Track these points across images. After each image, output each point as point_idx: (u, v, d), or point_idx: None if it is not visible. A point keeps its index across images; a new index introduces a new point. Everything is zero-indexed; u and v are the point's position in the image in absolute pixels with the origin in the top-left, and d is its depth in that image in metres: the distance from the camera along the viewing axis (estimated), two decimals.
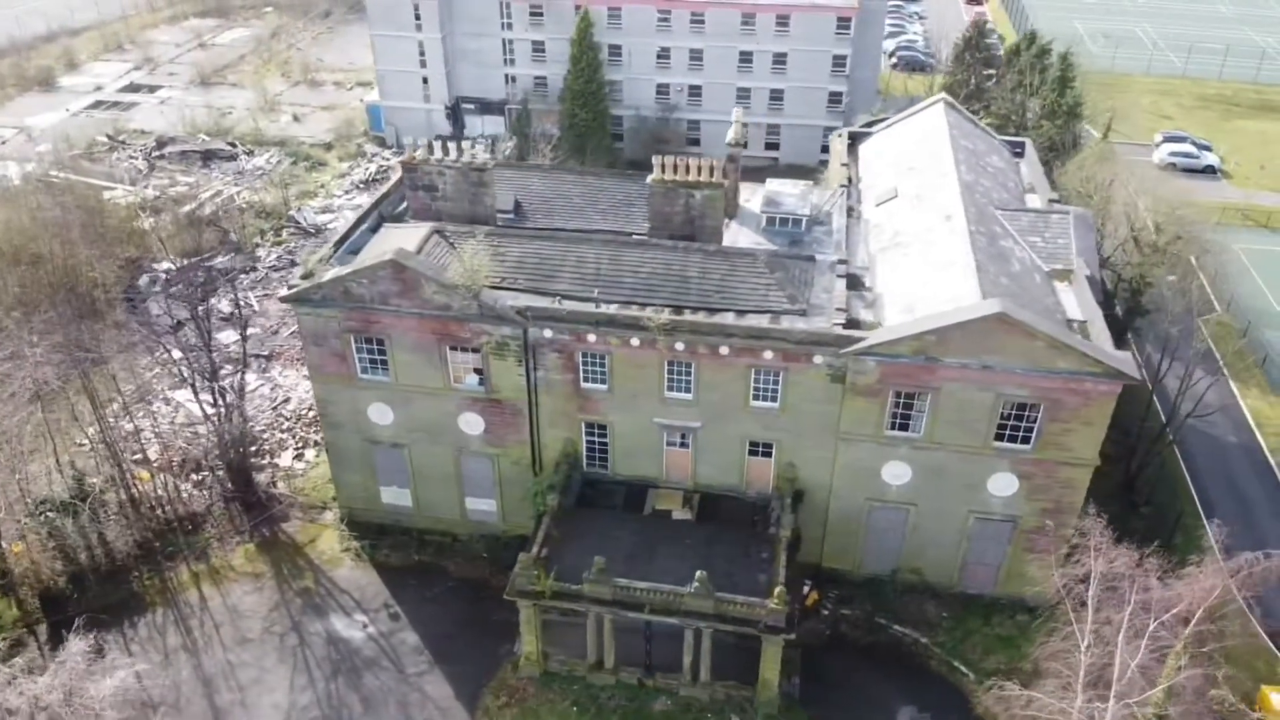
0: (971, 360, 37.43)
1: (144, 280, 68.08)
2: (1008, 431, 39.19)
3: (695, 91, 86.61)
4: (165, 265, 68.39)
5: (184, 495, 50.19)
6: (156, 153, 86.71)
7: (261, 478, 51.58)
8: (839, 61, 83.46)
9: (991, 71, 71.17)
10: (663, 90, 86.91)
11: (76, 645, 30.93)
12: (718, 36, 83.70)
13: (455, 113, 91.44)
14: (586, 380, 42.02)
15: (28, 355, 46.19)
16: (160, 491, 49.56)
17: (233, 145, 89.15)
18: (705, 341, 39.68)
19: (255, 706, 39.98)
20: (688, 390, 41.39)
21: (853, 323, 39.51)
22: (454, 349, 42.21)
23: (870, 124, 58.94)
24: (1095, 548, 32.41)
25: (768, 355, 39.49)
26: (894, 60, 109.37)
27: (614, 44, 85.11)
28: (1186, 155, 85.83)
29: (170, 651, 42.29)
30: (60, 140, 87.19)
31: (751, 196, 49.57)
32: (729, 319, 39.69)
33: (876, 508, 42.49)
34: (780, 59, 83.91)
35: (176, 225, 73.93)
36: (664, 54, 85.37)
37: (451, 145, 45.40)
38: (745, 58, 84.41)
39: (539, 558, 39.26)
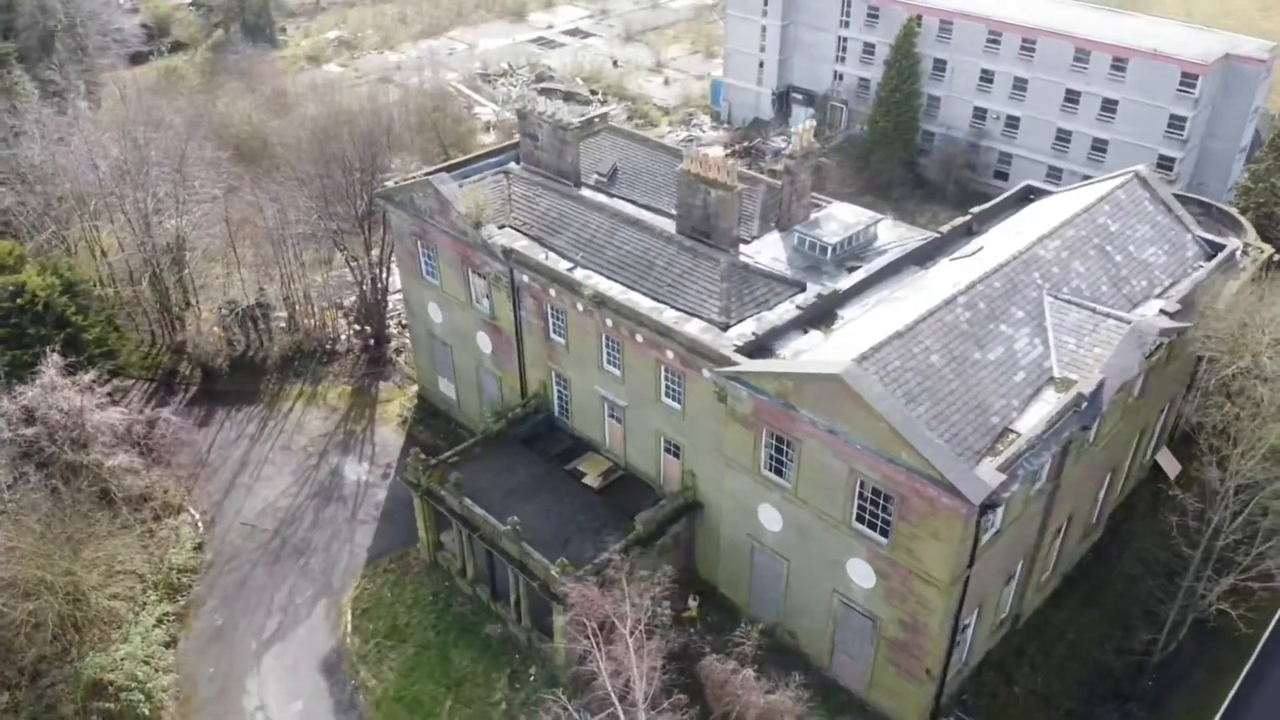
0: (821, 420, 34.54)
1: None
2: (867, 516, 35.41)
3: (1012, 123, 79.51)
4: None
5: (340, 336, 63.28)
6: (531, 85, 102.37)
7: (393, 345, 62.85)
8: (1176, 123, 70.89)
9: None
10: (979, 114, 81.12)
11: (87, 378, 43.93)
12: (1046, 68, 75.77)
13: (783, 100, 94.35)
14: (553, 332, 45.72)
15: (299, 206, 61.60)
16: (323, 328, 63.18)
17: (593, 93, 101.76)
18: (624, 324, 41.19)
19: (254, 492, 51.35)
20: (618, 367, 43.18)
21: (761, 349, 38.24)
22: (472, 272, 48.42)
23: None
24: None
25: (669, 354, 39.92)
26: None
27: (939, 58, 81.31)
28: None
29: (243, 435, 55.42)
30: (479, 61, 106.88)
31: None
32: (657, 310, 40.68)
33: (756, 548, 40.66)
34: (1110, 106, 73.57)
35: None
36: (987, 76, 79.53)
37: (544, 99, 50.91)
38: (1071, 97, 75.39)
39: (445, 462, 44.76)
